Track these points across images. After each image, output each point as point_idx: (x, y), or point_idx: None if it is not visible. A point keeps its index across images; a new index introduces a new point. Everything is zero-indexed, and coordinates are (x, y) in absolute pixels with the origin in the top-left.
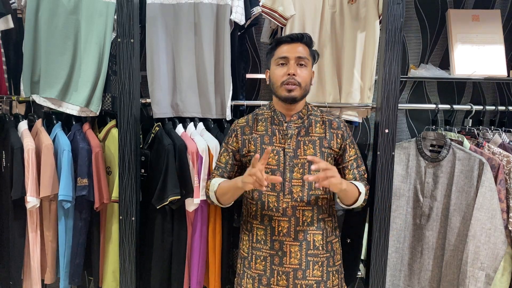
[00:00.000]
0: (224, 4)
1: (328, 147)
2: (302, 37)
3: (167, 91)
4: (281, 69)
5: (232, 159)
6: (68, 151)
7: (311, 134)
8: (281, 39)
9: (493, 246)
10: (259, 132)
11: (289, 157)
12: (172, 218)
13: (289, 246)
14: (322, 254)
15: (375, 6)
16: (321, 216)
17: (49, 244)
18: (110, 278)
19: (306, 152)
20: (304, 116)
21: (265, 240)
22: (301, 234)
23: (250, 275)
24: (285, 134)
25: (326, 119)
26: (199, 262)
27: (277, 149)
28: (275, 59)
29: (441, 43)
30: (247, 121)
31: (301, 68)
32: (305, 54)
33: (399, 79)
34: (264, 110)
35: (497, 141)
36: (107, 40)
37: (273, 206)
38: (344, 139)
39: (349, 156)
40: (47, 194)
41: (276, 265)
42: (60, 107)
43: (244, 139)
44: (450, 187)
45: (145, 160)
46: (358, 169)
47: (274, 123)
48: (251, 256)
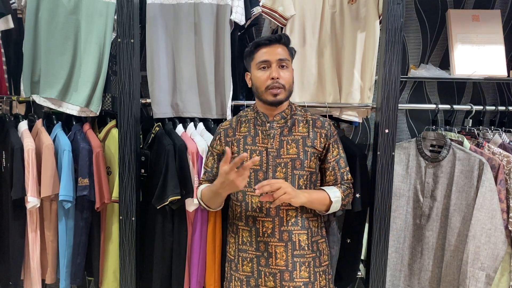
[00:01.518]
0: (224, 4)
1: (311, 146)
2: (280, 38)
3: (167, 91)
4: (263, 73)
5: (218, 163)
6: (68, 151)
7: (294, 133)
8: (259, 42)
9: (493, 246)
10: (242, 133)
11: (272, 157)
12: (172, 218)
13: (274, 246)
14: (308, 254)
15: (375, 6)
16: (305, 216)
17: (49, 244)
18: (111, 278)
19: (289, 151)
20: (287, 116)
21: (250, 241)
22: (285, 234)
23: (237, 277)
24: (268, 134)
25: (310, 118)
26: (199, 262)
27: (260, 149)
28: (256, 63)
29: (441, 43)
30: (230, 123)
31: (283, 70)
32: (285, 55)
33: (399, 79)
34: (248, 111)
35: (497, 141)
36: (107, 40)
37: (257, 206)
38: (327, 138)
39: (331, 156)
40: (48, 194)
41: (262, 266)
42: (60, 107)
43: (227, 141)
44: (450, 187)
45: (145, 160)
46: (340, 170)
47: (257, 123)
48: (237, 258)
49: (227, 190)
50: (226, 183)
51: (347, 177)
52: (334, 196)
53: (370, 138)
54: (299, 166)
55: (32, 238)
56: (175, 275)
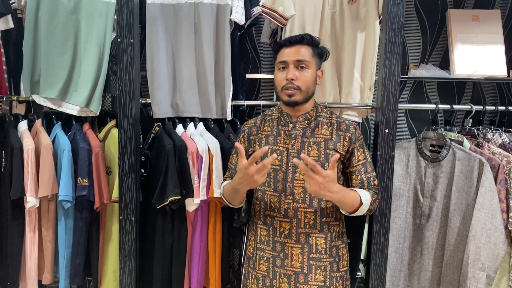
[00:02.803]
0: (224, 4)
1: (333, 149)
2: (302, 38)
3: (167, 91)
4: (281, 73)
5: None
6: (68, 151)
7: (317, 135)
8: (280, 43)
9: (493, 247)
10: (265, 132)
11: (292, 158)
12: (172, 218)
13: (290, 248)
14: (325, 259)
15: (375, 6)
16: (325, 220)
17: (47, 245)
18: (111, 278)
19: (310, 153)
20: (311, 118)
21: (267, 241)
22: (303, 236)
23: (254, 275)
24: (290, 135)
25: (334, 121)
26: (199, 262)
27: (281, 149)
28: (277, 63)
29: (441, 43)
30: (255, 122)
31: (301, 71)
32: (305, 56)
33: (399, 79)
34: (273, 111)
35: (497, 141)
36: (107, 40)
37: (275, 206)
38: (352, 142)
39: (357, 160)
40: (46, 194)
41: (278, 267)
42: (60, 107)
43: (250, 140)
44: (450, 187)
45: (145, 160)
46: (366, 175)
47: (281, 123)
48: (255, 256)
49: (246, 185)
50: (244, 177)
51: (374, 182)
52: (365, 198)
53: (370, 138)
54: None
55: (30, 238)
56: (175, 275)
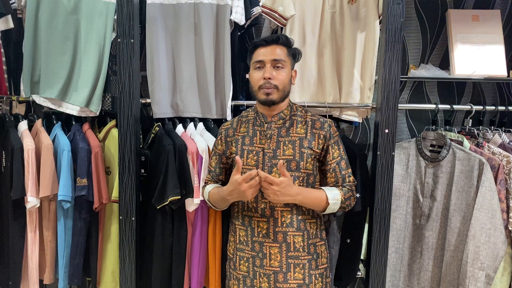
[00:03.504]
0: (224, 4)
1: (308, 147)
2: (277, 38)
3: (167, 91)
4: (258, 72)
5: (220, 162)
6: (68, 151)
7: (292, 134)
8: (256, 42)
9: (493, 246)
10: (241, 133)
11: (268, 158)
12: (172, 218)
13: (268, 247)
14: (303, 256)
15: (375, 6)
16: (302, 217)
17: (48, 244)
18: (109, 279)
19: (285, 152)
20: (286, 117)
21: (246, 241)
22: (280, 235)
23: (235, 276)
24: (265, 135)
25: (309, 119)
26: (199, 262)
27: (257, 149)
28: (253, 62)
29: (441, 43)
30: (231, 123)
31: (277, 71)
32: (281, 56)
33: (399, 79)
34: (249, 112)
35: (497, 141)
36: (107, 40)
37: (252, 206)
38: (326, 140)
39: (331, 157)
40: (47, 194)
41: (257, 267)
42: (60, 107)
43: (227, 141)
44: (450, 187)
45: (145, 160)
46: (341, 172)
47: (256, 124)
48: (235, 257)
49: (235, 198)
50: (235, 191)
51: (349, 179)
52: (333, 197)
53: (370, 138)
54: (295, 167)
55: (31, 238)
56: (175, 275)
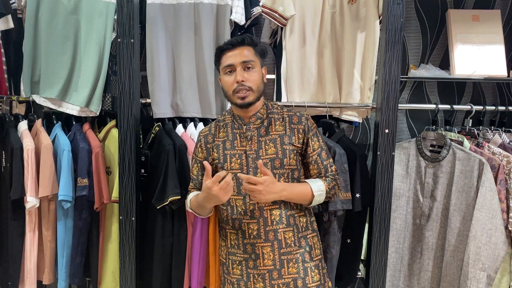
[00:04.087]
0: (224, 4)
1: (289, 143)
2: (243, 40)
3: (167, 91)
4: (229, 77)
5: (202, 169)
6: (68, 151)
7: (271, 132)
8: (222, 47)
9: (494, 247)
10: (220, 138)
11: (251, 159)
12: (172, 218)
13: (260, 247)
14: (295, 251)
15: (375, 6)
16: (290, 213)
17: (47, 244)
18: (110, 279)
19: (268, 152)
20: (263, 116)
21: (238, 244)
22: (271, 234)
23: (230, 280)
24: (246, 137)
25: (286, 115)
26: (200, 262)
27: (239, 152)
28: (222, 68)
29: (441, 43)
30: (209, 129)
31: (249, 72)
32: (250, 57)
33: (399, 79)
34: (225, 116)
35: (497, 141)
36: (107, 40)
37: (241, 209)
38: (305, 133)
39: (312, 149)
40: (46, 194)
41: (251, 269)
42: (60, 107)
43: (208, 148)
44: (450, 187)
45: (145, 160)
46: (323, 163)
47: (235, 127)
48: (228, 261)
49: (212, 203)
50: (209, 196)
51: (331, 169)
52: (317, 189)
53: (370, 138)
54: (279, 165)
55: (30, 238)
56: (175, 275)
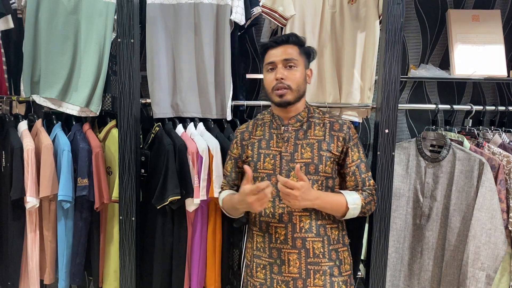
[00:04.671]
0: (224, 4)
1: (327, 150)
2: (287, 38)
3: (167, 91)
4: (270, 74)
5: (235, 167)
6: (68, 151)
7: (310, 137)
8: (266, 44)
9: (493, 247)
10: (257, 137)
11: (285, 161)
12: (172, 218)
13: (287, 254)
14: (324, 263)
15: (375, 6)
16: (321, 223)
17: (48, 244)
18: (112, 278)
19: (304, 156)
20: (303, 119)
21: (264, 247)
22: (299, 241)
23: (252, 283)
24: (282, 138)
25: (327, 121)
26: (199, 262)
27: (274, 153)
28: (265, 65)
29: (441, 43)
30: (247, 126)
31: (290, 70)
32: (293, 55)
33: (399, 79)
34: (265, 114)
35: (497, 141)
36: (107, 40)
37: (270, 212)
38: (345, 142)
39: (351, 160)
40: (47, 194)
41: (275, 274)
42: (60, 107)
43: (243, 145)
44: (450, 187)
45: (145, 160)
46: (361, 175)
47: (273, 127)
48: (252, 264)
49: (245, 208)
50: (243, 202)
51: (369, 182)
52: (353, 202)
53: (370, 138)
54: (313, 171)
55: (31, 238)
56: (175, 275)
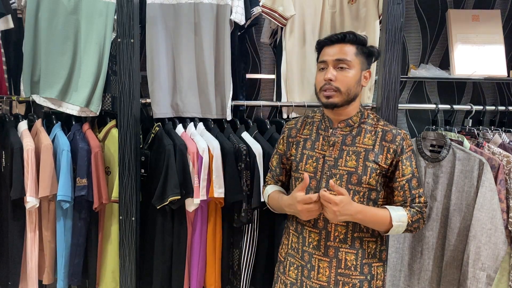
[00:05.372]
0: (224, 4)
1: (373, 161)
2: (344, 36)
3: (167, 91)
4: (320, 74)
5: (280, 162)
6: (67, 151)
7: (357, 144)
8: (322, 42)
9: (494, 247)
10: (303, 135)
11: (328, 166)
12: (172, 218)
13: (317, 260)
14: (354, 276)
15: (375, 6)
16: (358, 235)
17: (47, 244)
18: (110, 279)
19: (347, 163)
20: (354, 124)
21: (297, 248)
22: (331, 250)
23: (283, 280)
24: (328, 141)
25: (380, 129)
26: (199, 262)
27: (317, 155)
28: (318, 63)
29: (441, 43)
30: (296, 123)
31: (341, 72)
32: (346, 55)
33: (399, 79)
34: (316, 113)
35: (497, 141)
36: (107, 40)
37: None
38: (396, 155)
39: (401, 174)
40: (46, 194)
41: (305, 277)
42: (60, 107)
43: (289, 142)
44: (450, 187)
45: (145, 160)
46: (411, 191)
47: (321, 128)
48: (286, 261)
49: (293, 213)
50: (293, 207)
51: (420, 199)
52: (398, 219)
53: None
54: (356, 181)
55: (30, 238)
56: (175, 275)
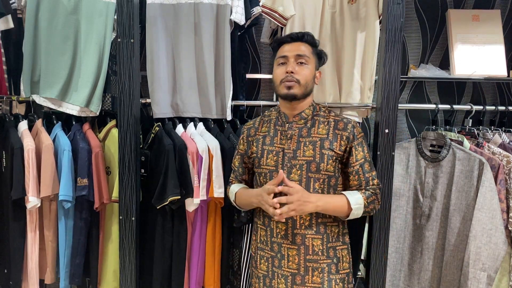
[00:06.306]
0: (224, 4)
1: (329, 148)
2: (302, 36)
3: (167, 91)
4: (281, 68)
5: (243, 162)
6: (68, 151)
7: (313, 134)
8: (281, 39)
9: (494, 247)
10: (262, 133)
11: (287, 158)
12: (172, 218)
13: (287, 249)
14: (322, 260)
15: (375, 6)
16: (321, 220)
17: (49, 244)
18: (111, 278)
19: (306, 153)
20: (307, 117)
21: (266, 241)
22: (298, 237)
23: (257, 274)
24: (286, 135)
25: (332, 119)
26: (199, 262)
27: (277, 149)
28: (276, 59)
29: (441, 43)
30: (254, 122)
31: (301, 66)
32: (305, 53)
33: (399, 79)
34: (272, 111)
35: (497, 141)
36: (107, 40)
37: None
38: (349, 141)
39: (354, 160)
40: (48, 194)
41: (276, 267)
42: (60, 107)
43: (249, 141)
44: (450, 187)
45: (145, 160)
46: (365, 175)
47: (278, 124)
48: (257, 256)
49: (258, 204)
50: (260, 198)
51: (373, 182)
52: (355, 203)
53: (370, 138)
54: (315, 169)
55: (31, 238)
56: (175, 275)
